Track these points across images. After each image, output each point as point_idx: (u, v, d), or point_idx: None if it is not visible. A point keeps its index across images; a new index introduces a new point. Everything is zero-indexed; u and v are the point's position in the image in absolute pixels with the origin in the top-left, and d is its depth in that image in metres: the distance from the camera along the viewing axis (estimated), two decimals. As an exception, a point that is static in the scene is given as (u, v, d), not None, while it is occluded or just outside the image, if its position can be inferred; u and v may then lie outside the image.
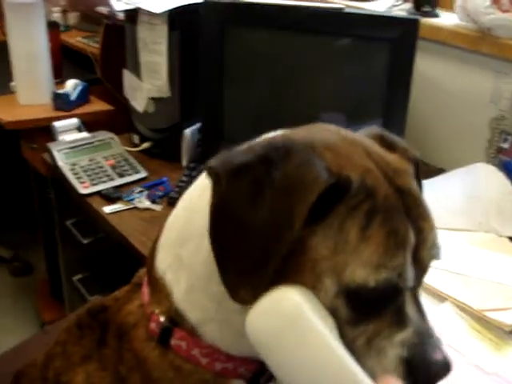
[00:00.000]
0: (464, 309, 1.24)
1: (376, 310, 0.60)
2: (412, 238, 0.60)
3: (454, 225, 1.52)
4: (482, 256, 1.41)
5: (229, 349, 0.67)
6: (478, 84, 1.71)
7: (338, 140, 0.63)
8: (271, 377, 0.68)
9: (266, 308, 0.56)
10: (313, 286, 0.58)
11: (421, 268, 0.62)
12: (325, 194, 0.56)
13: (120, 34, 1.87)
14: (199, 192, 0.66)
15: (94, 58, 2.44)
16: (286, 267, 0.58)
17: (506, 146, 1.63)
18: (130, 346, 0.69)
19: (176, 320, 0.67)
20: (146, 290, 0.71)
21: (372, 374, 0.59)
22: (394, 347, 0.60)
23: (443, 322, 1.20)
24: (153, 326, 0.68)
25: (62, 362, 0.74)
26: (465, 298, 1.24)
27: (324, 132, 0.64)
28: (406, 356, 0.60)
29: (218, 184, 0.57)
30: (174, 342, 0.67)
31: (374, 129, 0.70)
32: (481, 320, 1.21)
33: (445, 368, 0.61)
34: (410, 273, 0.60)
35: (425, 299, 0.67)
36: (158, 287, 0.69)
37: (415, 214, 0.61)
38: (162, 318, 0.67)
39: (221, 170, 0.57)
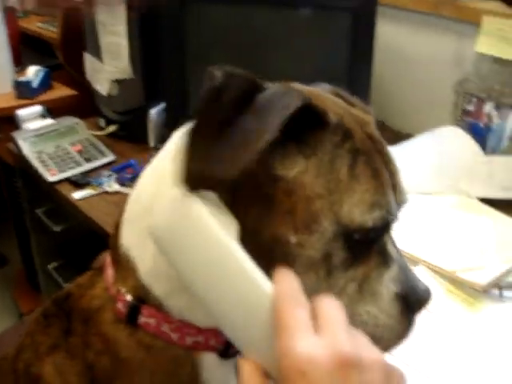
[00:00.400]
0: (437, 271, 1.25)
1: (367, 250, 0.62)
2: (388, 178, 0.62)
3: (425, 189, 1.54)
4: (453, 218, 1.43)
5: (198, 319, 0.66)
6: (441, 48, 1.72)
7: (310, 90, 0.65)
8: None
9: (166, 207, 0.55)
10: (306, 227, 0.58)
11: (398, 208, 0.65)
12: (305, 124, 0.57)
13: (79, 17, 1.84)
14: (169, 160, 0.65)
15: (54, 43, 2.39)
16: (275, 208, 0.58)
17: (471, 108, 1.64)
18: (97, 331, 0.68)
19: (143, 297, 0.66)
20: (109, 271, 0.69)
21: (371, 316, 0.62)
22: (386, 286, 0.63)
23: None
24: (120, 306, 0.66)
25: (31, 353, 0.73)
26: (437, 261, 1.26)
27: (296, 86, 0.66)
28: (399, 291, 0.64)
29: (213, 80, 0.55)
30: (142, 320, 0.66)
31: (327, 86, 0.72)
32: (454, 281, 1.23)
33: (429, 293, 0.66)
34: (395, 210, 0.62)
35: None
36: (122, 265, 0.67)
37: (386, 159, 0.63)
38: (128, 297, 0.66)
39: (222, 72, 0.55)
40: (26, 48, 2.49)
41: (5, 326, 1.37)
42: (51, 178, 1.65)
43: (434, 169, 1.56)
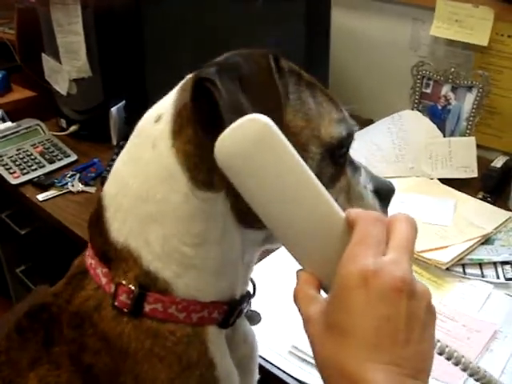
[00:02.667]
0: (402, 253, 1.27)
1: (343, 162, 0.70)
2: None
3: (387, 173, 1.55)
4: (415, 200, 1.45)
5: (205, 294, 0.68)
6: (397, 32, 1.74)
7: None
8: (238, 314, 0.74)
9: (234, 131, 0.54)
10: (308, 158, 0.65)
11: None
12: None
13: (35, 18, 1.81)
14: (147, 149, 0.65)
15: (12, 45, 2.35)
16: None
17: (428, 91, 1.67)
18: (93, 331, 0.67)
19: (147, 284, 0.66)
20: (97, 271, 0.69)
21: None
22: (365, 187, 0.74)
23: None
24: (122, 298, 0.66)
25: (10, 371, 0.72)
26: (401, 243, 1.28)
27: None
28: (374, 188, 0.74)
29: (215, 88, 0.58)
30: (148, 307, 0.66)
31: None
32: (419, 261, 1.25)
33: (392, 185, 0.77)
34: (354, 123, 0.72)
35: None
36: (121, 258, 0.67)
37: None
38: (131, 287, 0.66)
39: (212, 77, 0.59)
40: (-17, 51, 2.45)
41: None
42: (14, 180, 1.63)
43: (394, 152, 1.58)
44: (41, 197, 1.57)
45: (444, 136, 1.62)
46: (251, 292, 0.78)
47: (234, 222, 0.67)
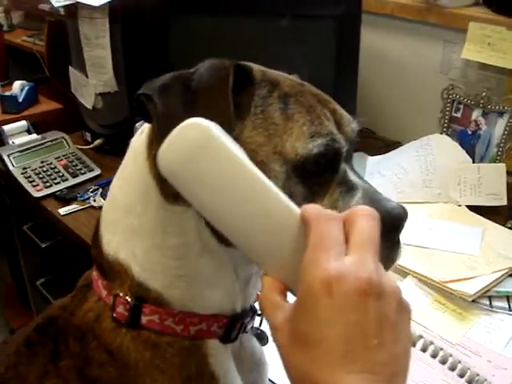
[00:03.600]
0: (426, 282, 1.24)
1: (325, 182, 0.65)
2: (328, 114, 0.67)
3: (414, 198, 1.53)
4: (442, 227, 1.41)
5: (200, 306, 0.67)
6: (428, 55, 1.71)
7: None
8: (243, 330, 0.72)
9: (175, 137, 0.53)
10: (269, 175, 0.60)
11: (349, 141, 0.68)
12: (236, 87, 0.61)
13: (64, 31, 1.82)
14: (131, 161, 0.68)
15: (41, 57, 2.37)
16: None
17: (458, 115, 1.63)
18: (97, 343, 0.67)
19: (141, 295, 0.66)
20: (99, 283, 0.70)
21: None
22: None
23: (406, 297, 1.20)
24: (120, 309, 0.66)
25: None
26: (426, 271, 1.24)
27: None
28: None
29: (151, 103, 0.59)
30: (145, 319, 0.66)
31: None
32: (443, 292, 1.21)
33: (403, 211, 0.64)
34: (341, 139, 0.66)
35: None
36: (113, 271, 0.68)
37: (322, 99, 0.68)
38: (128, 298, 0.66)
39: (150, 91, 0.59)
40: (14, 62, 2.47)
41: None
42: (37, 193, 1.63)
43: (422, 177, 1.55)
44: (62, 211, 1.56)
45: (473, 162, 1.58)
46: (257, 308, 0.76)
47: (212, 240, 0.65)
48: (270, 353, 0.83)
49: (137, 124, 1.73)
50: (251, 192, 0.53)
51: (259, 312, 0.75)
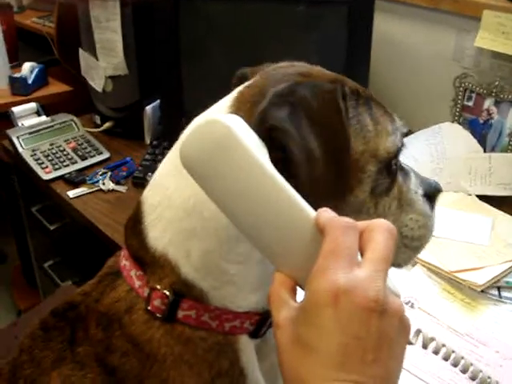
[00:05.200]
0: (435, 271, 1.23)
1: (396, 170, 0.71)
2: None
3: (423, 187, 1.52)
4: (452, 216, 1.40)
5: (240, 305, 0.67)
6: (440, 42, 1.69)
7: (303, 67, 0.72)
8: (270, 325, 0.70)
9: (196, 133, 0.54)
10: (359, 180, 0.66)
11: None
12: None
13: (74, 12, 1.81)
14: None
15: (51, 39, 2.36)
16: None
17: (470, 104, 1.62)
18: (123, 332, 0.67)
19: (182, 291, 0.66)
20: (131, 273, 0.69)
21: (413, 221, 0.73)
22: (415, 192, 0.74)
23: (415, 286, 1.20)
24: (156, 303, 0.66)
25: (33, 369, 0.71)
26: (436, 261, 1.24)
27: (290, 67, 0.72)
28: (423, 192, 0.75)
29: (283, 134, 0.58)
30: (182, 313, 0.66)
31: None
32: (452, 281, 1.21)
33: (438, 184, 0.79)
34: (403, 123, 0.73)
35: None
36: (157, 265, 0.67)
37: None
38: (166, 292, 0.65)
39: (278, 124, 0.58)
40: (24, 44, 2.46)
41: (3, 323, 1.36)
42: (45, 176, 1.63)
43: (432, 166, 1.54)
44: (71, 193, 1.57)
45: (484, 151, 1.57)
46: None
47: None
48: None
49: (146, 107, 1.73)
50: (268, 193, 0.54)
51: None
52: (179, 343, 0.66)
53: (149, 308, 0.66)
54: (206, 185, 0.55)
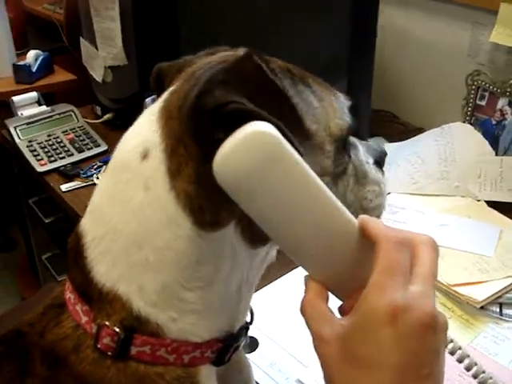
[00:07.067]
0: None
1: (349, 145, 0.70)
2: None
3: (429, 190, 1.44)
4: (456, 223, 1.33)
5: (199, 336, 0.63)
6: (455, 36, 1.60)
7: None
8: (234, 350, 0.68)
9: (238, 145, 0.49)
10: (321, 163, 0.64)
11: None
12: None
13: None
14: (141, 188, 0.58)
15: (60, 25, 2.32)
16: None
17: (482, 103, 1.53)
18: (70, 372, 0.61)
19: (134, 326, 0.60)
20: (77, 307, 0.63)
21: (371, 192, 0.73)
22: (366, 163, 0.73)
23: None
24: (106, 341, 0.60)
25: None
26: (434, 272, 1.16)
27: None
28: (373, 159, 0.75)
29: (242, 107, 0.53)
30: (135, 350, 0.60)
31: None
32: (451, 295, 1.13)
33: (383, 149, 0.79)
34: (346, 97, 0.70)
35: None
36: (105, 301, 0.61)
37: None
38: (116, 329, 0.60)
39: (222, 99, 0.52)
40: (34, 30, 2.43)
41: (5, 309, 1.33)
42: (40, 168, 1.59)
43: (440, 168, 1.46)
44: (64, 187, 1.52)
45: (496, 154, 1.48)
46: (249, 320, 0.73)
47: (243, 248, 0.62)
48: (264, 363, 0.77)
49: (146, 99, 1.67)
50: (317, 204, 0.54)
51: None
52: (134, 381, 0.60)
53: (98, 346, 0.60)
54: (253, 202, 0.52)
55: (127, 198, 0.59)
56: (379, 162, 0.76)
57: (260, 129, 0.49)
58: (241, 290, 0.65)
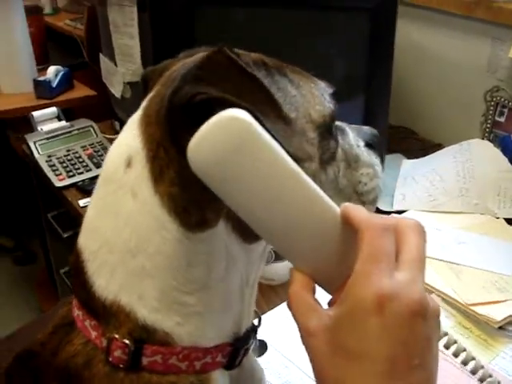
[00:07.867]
0: (450, 303, 1.14)
1: (336, 130, 0.69)
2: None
3: (448, 207, 1.43)
4: (474, 241, 1.31)
5: (208, 339, 0.63)
6: (474, 52, 1.59)
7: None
8: (245, 353, 0.68)
9: (213, 131, 0.48)
10: (306, 152, 0.63)
11: None
12: None
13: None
14: (129, 196, 0.59)
15: (81, 41, 2.35)
16: None
17: (501, 119, 1.51)
18: None
19: (143, 337, 0.61)
20: (85, 323, 0.63)
21: (365, 175, 0.73)
22: (357, 146, 0.73)
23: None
24: (117, 353, 0.60)
25: None
26: (451, 291, 1.15)
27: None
28: (364, 142, 0.74)
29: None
30: (146, 360, 0.60)
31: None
32: (468, 315, 1.12)
33: (374, 131, 0.78)
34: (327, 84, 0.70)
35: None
36: (110, 314, 0.61)
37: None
38: (126, 341, 0.60)
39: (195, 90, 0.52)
40: (56, 46, 2.46)
41: (24, 321, 1.34)
42: (58, 183, 1.60)
43: (458, 185, 1.44)
44: (82, 202, 1.53)
45: (516, 171, 1.46)
46: (256, 323, 0.72)
47: (238, 244, 0.61)
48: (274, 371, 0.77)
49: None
50: (295, 191, 0.52)
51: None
52: None
53: (110, 359, 0.61)
54: (228, 189, 0.51)
55: (117, 208, 0.59)
56: (371, 145, 0.75)
57: (232, 114, 0.48)
58: (242, 289, 0.65)
